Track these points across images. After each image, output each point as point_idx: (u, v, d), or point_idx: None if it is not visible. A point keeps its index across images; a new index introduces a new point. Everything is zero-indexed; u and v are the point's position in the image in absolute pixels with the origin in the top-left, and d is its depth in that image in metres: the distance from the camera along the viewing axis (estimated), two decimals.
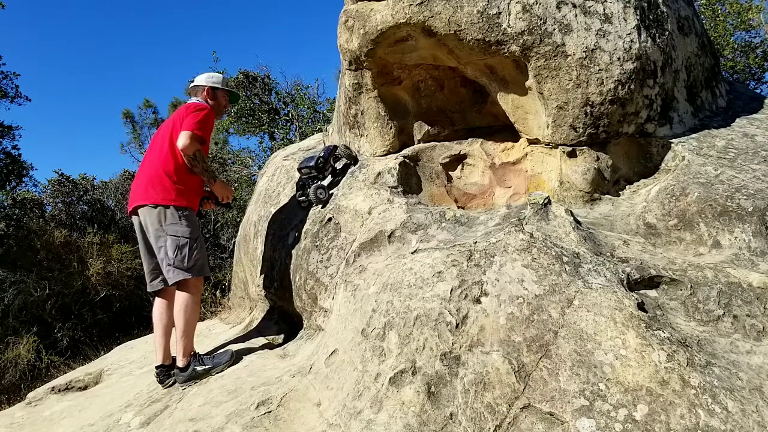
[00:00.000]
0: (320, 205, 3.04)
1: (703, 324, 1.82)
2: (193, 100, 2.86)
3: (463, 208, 2.83)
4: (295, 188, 3.31)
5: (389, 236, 2.48)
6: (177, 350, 2.61)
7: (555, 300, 1.83)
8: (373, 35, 2.72)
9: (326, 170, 3.16)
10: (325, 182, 3.12)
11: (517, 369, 1.71)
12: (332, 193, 3.08)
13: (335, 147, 3.26)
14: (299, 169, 3.19)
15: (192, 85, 2.92)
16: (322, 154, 3.15)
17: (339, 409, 1.93)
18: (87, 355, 5.95)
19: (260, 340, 3.06)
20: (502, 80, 2.70)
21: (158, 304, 2.71)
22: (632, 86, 2.43)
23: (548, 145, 2.64)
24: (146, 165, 2.72)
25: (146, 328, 5.79)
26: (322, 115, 9.33)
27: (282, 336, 3.11)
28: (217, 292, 6.05)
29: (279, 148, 5.96)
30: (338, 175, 3.19)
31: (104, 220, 9.84)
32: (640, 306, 1.79)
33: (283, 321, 3.27)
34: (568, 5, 2.42)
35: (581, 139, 2.51)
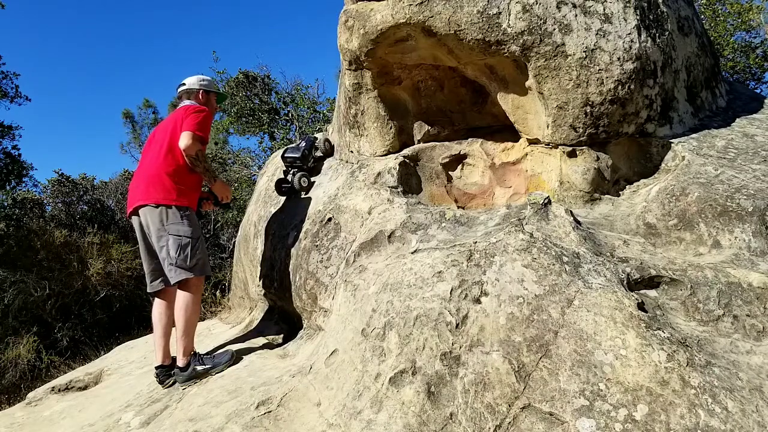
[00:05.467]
0: (302, 192, 3.29)
1: (703, 324, 1.82)
2: (187, 102, 2.88)
3: (463, 208, 2.83)
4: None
5: (389, 236, 2.48)
6: (177, 350, 2.61)
7: (555, 300, 1.83)
8: (373, 35, 2.72)
9: (309, 160, 3.44)
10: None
11: (517, 369, 1.71)
12: (314, 182, 3.32)
13: (315, 138, 3.59)
14: (284, 157, 3.43)
15: (184, 88, 2.94)
16: (305, 144, 3.44)
17: (339, 409, 1.93)
18: (87, 355, 5.95)
19: (260, 340, 3.06)
20: (502, 80, 2.70)
21: (158, 305, 2.72)
22: (632, 86, 2.43)
23: (548, 145, 2.64)
24: (145, 166, 2.72)
25: (146, 328, 5.78)
26: (322, 115, 9.33)
27: (282, 336, 3.12)
28: (217, 292, 6.05)
29: (279, 148, 5.96)
30: (316, 164, 3.49)
31: (104, 220, 9.84)
32: (640, 306, 1.79)
33: (283, 321, 3.27)
34: (568, 5, 2.41)
35: (581, 139, 2.51)
